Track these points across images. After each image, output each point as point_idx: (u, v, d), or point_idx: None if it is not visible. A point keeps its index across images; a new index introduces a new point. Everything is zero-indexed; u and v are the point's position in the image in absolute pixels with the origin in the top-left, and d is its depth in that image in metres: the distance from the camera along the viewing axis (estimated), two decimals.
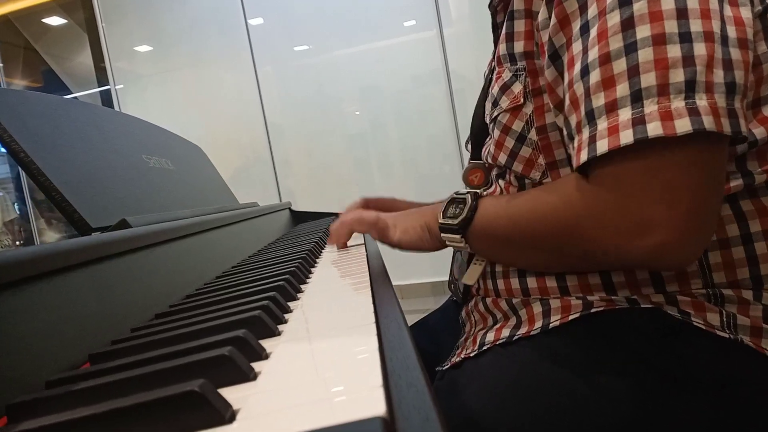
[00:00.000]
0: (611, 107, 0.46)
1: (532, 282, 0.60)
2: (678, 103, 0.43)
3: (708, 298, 0.53)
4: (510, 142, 0.61)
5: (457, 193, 0.64)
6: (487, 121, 0.66)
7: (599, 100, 0.47)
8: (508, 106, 0.61)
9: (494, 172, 0.68)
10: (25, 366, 0.36)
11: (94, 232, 0.61)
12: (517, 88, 0.60)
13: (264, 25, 3.33)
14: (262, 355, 0.35)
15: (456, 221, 0.61)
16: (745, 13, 0.46)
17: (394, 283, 0.56)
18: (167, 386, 0.26)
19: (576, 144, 0.49)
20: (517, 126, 0.60)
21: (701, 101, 0.43)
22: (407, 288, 3.10)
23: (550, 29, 0.53)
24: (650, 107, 0.44)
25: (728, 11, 0.45)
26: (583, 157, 0.48)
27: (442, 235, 0.64)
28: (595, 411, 0.52)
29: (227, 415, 0.25)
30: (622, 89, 0.45)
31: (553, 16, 0.52)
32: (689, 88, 0.43)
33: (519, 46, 0.59)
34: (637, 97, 0.45)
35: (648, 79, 0.44)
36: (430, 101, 3.05)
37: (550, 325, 0.57)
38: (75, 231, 0.61)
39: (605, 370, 0.54)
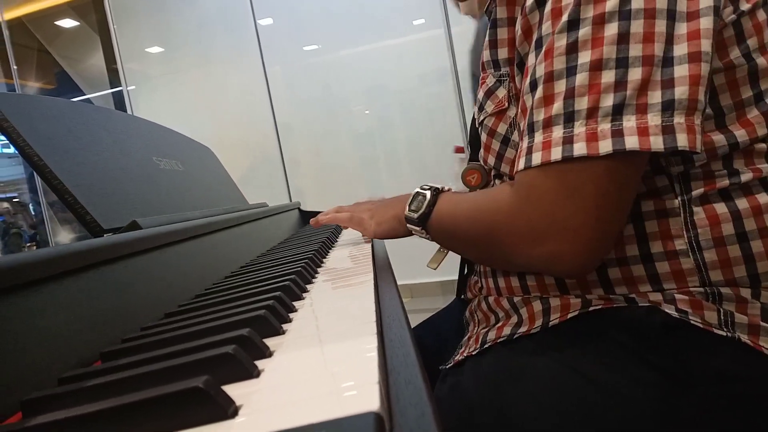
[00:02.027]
0: (547, 123, 0.50)
1: (531, 280, 0.61)
2: (604, 126, 0.47)
3: (706, 296, 0.53)
4: (496, 145, 0.65)
5: (422, 186, 0.68)
6: (476, 125, 0.69)
7: (540, 115, 0.51)
8: (493, 110, 0.64)
9: (493, 172, 0.70)
10: (39, 364, 0.37)
11: (105, 234, 0.62)
12: (501, 93, 0.63)
13: (273, 26, 3.35)
14: (266, 353, 0.36)
15: (416, 215, 0.66)
16: (705, 24, 0.47)
17: (404, 282, 0.59)
18: (173, 383, 0.28)
19: (518, 150, 0.53)
20: (502, 129, 0.64)
21: (628, 123, 0.46)
22: (417, 287, 3.10)
23: (517, 39, 0.57)
24: (579, 128, 0.48)
25: (682, 29, 0.47)
26: (521, 164, 0.52)
27: (408, 225, 0.69)
28: (594, 408, 0.53)
29: (230, 410, 0.26)
30: (558, 108, 0.49)
31: (520, 27, 0.56)
32: (617, 111, 0.47)
33: (503, 53, 0.62)
34: (569, 118, 0.49)
35: (581, 103, 0.48)
36: (438, 100, 3.06)
37: (550, 323, 0.58)
38: (87, 232, 0.63)
39: (604, 367, 0.54)
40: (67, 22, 4.71)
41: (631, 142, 0.46)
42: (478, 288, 0.70)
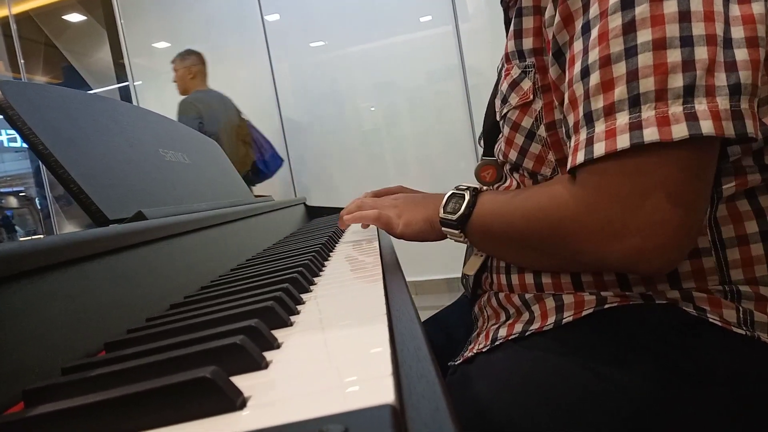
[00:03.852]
0: (609, 110, 0.46)
1: (546, 277, 0.60)
2: (676, 108, 0.43)
3: (724, 294, 0.52)
4: (520, 139, 0.62)
5: (457, 187, 0.64)
6: (498, 118, 0.66)
7: (598, 103, 0.47)
8: (518, 102, 0.61)
9: (507, 167, 0.68)
10: (42, 353, 0.36)
11: (111, 224, 0.62)
12: (527, 84, 0.60)
13: (280, 22, 3.34)
14: (274, 344, 0.35)
15: (455, 217, 0.62)
16: (757, 9, 0.45)
17: (408, 279, 0.57)
18: (180, 373, 0.27)
19: (573, 144, 0.50)
20: (527, 123, 0.61)
21: (701, 105, 0.43)
22: (422, 284, 3.10)
23: (554, 27, 0.53)
24: (648, 112, 0.44)
25: (735, 11, 0.44)
26: (580, 158, 0.48)
27: (443, 229, 0.65)
28: (608, 407, 0.52)
29: (238, 401, 0.25)
30: (621, 93, 0.45)
31: (557, 13, 0.52)
32: (688, 92, 0.43)
33: (528, 43, 0.59)
34: (635, 102, 0.45)
35: (646, 84, 0.44)
36: (446, 97, 3.04)
37: (563, 320, 0.57)
38: (92, 223, 0.62)
39: (619, 366, 0.53)
40: (75, 17, 4.72)
41: (707, 126, 0.42)
42: (489, 283, 0.69)
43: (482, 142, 0.78)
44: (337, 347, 0.34)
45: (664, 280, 0.53)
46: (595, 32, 0.48)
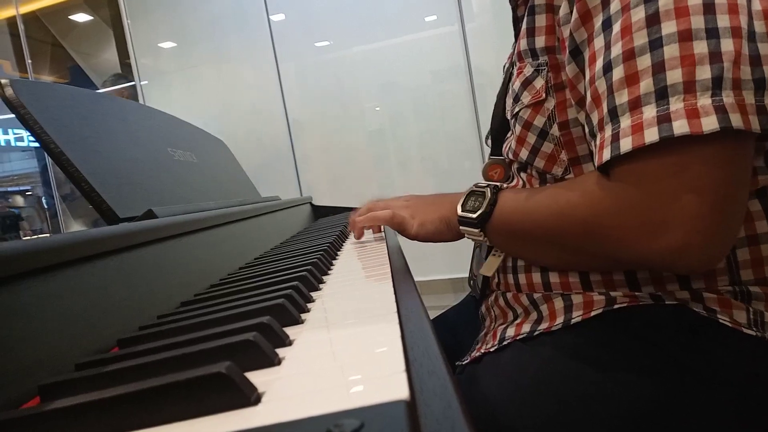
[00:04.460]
0: (635, 104, 0.45)
1: (554, 277, 0.60)
2: (704, 101, 0.42)
3: (734, 295, 0.52)
4: (532, 138, 0.61)
5: (476, 185, 0.63)
6: (509, 116, 0.65)
7: (622, 97, 0.46)
8: (530, 101, 0.60)
9: (515, 166, 0.68)
10: (55, 349, 0.37)
11: (121, 222, 0.62)
12: (539, 83, 0.59)
13: (285, 22, 3.35)
14: (286, 341, 0.35)
15: (475, 215, 0.61)
16: None
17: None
18: (194, 369, 0.27)
19: (598, 142, 0.49)
20: (539, 122, 0.60)
21: (728, 98, 0.42)
22: (427, 284, 3.09)
23: (572, 24, 0.52)
24: (676, 104, 0.43)
25: (757, 5, 0.44)
26: (606, 155, 0.47)
27: (461, 228, 0.64)
28: (617, 407, 0.52)
29: (253, 397, 0.26)
30: (647, 86, 0.44)
31: (574, 11, 0.52)
32: (716, 84, 0.42)
33: (540, 41, 0.59)
34: (662, 94, 0.44)
35: (674, 76, 0.43)
36: (451, 97, 3.04)
37: (572, 320, 0.57)
38: (102, 222, 0.62)
39: (628, 366, 0.53)
40: (81, 17, 4.74)
41: (736, 119, 0.42)
42: (495, 283, 0.69)
43: (489, 141, 0.78)
44: (349, 344, 0.34)
45: (674, 280, 0.53)
46: (617, 27, 0.47)
